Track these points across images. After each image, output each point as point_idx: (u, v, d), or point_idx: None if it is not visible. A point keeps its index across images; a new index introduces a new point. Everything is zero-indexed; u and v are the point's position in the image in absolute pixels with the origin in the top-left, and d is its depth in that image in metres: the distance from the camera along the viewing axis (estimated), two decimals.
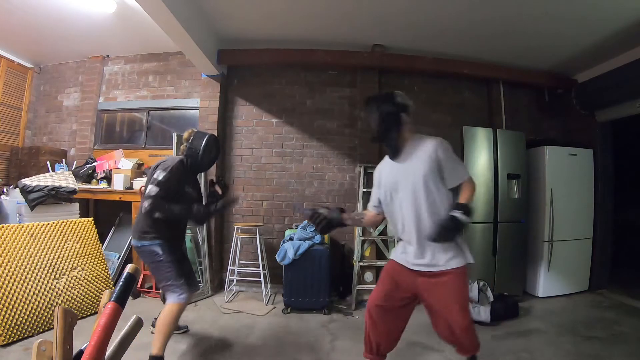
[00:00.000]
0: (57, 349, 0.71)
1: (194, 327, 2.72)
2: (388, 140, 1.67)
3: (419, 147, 1.62)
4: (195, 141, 2.14)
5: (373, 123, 1.68)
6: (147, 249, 2.07)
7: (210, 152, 2.20)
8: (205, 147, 2.14)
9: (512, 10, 2.97)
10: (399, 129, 1.64)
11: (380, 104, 1.66)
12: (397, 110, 1.64)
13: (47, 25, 3.51)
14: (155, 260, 2.06)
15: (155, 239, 2.06)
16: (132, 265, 0.85)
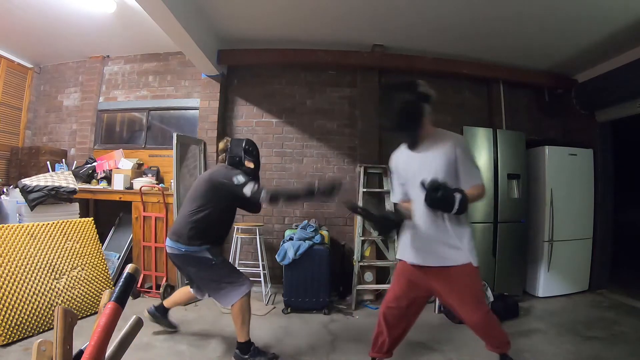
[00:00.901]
0: (57, 349, 0.71)
1: (194, 327, 2.73)
2: (408, 130, 1.60)
3: (439, 141, 1.59)
4: (235, 148, 2.23)
5: (392, 111, 1.59)
6: (194, 255, 2.09)
7: (252, 153, 2.27)
8: (247, 149, 2.23)
9: (512, 10, 2.97)
10: (420, 120, 1.57)
11: (401, 92, 1.58)
12: (419, 100, 1.56)
13: (47, 25, 3.51)
14: (208, 265, 2.10)
15: (203, 244, 2.10)
16: (132, 265, 0.85)
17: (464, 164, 1.55)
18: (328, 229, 3.59)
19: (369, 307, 3.32)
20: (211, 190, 2.12)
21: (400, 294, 1.67)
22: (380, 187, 3.69)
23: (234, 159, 2.21)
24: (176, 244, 2.11)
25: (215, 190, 2.11)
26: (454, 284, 1.57)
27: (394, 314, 1.68)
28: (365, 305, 3.35)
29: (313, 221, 3.57)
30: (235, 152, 2.22)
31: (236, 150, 2.22)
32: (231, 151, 2.23)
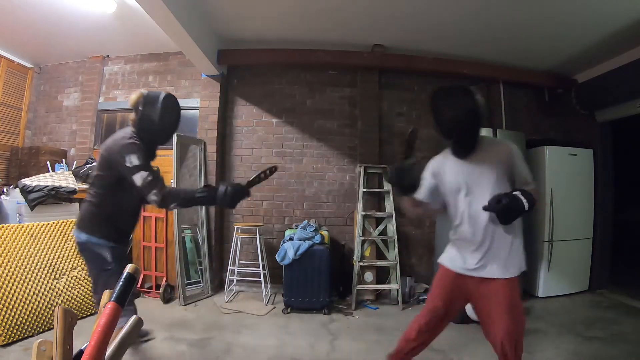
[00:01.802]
0: (57, 349, 0.71)
1: (194, 327, 2.72)
2: (467, 138, 1.55)
3: (491, 149, 1.57)
4: (148, 107, 1.65)
5: (451, 117, 1.51)
6: (93, 249, 1.68)
7: (170, 116, 1.72)
8: (163, 110, 1.66)
9: (512, 11, 2.97)
10: (480, 128, 1.56)
11: (463, 98, 1.52)
12: (479, 108, 1.52)
13: (47, 25, 3.51)
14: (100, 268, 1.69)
15: (106, 239, 1.69)
16: (132, 265, 0.85)
17: (520, 170, 1.55)
18: (328, 229, 3.59)
19: (369, 307, 3.32)
20: (106, 165, 1.66)
21: (442, 303, 1.61)
22: (380, 187, 3.69)
23: (146, 119, 1.65)
24: (76, 229, 1.73)
25: (109, 167, 1.65)
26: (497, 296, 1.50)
27: (431, 324, 1.62)
28: (365, 305, 3.35)
29: (313, 221, 3.57)
30: (149, 112, 1.65)
31: (149, 108, 1.65)
32: (143, 109, 1.66)
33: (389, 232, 3.54)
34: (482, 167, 1.55)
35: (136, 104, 1.68)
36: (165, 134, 1.76)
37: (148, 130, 1.67)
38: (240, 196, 1.57)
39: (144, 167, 1.56)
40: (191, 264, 3.56)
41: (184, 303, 3.19)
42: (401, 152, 1.52)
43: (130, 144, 1.59)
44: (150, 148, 1.73)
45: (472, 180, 1.56)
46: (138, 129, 1.67)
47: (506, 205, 1.34)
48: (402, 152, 1.51)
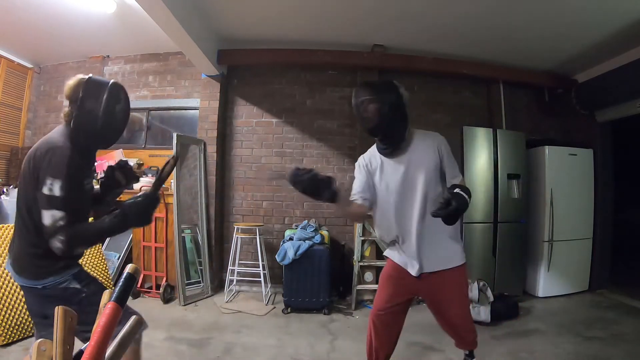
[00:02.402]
0: (57, 349, 0.70)
1: (194, 327, 2.73)
2: (393, 135, 1.49)
3: (420, 142, 1.52)
4: (89, 101, 1.26)
5: (373, 113, 1.44)
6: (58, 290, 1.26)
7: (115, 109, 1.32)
8: (107, 104, 1.27)
9: (512, 10, 2.97)
10: (406, 124, 1.49)
11: (384, 93, 1.46)
12: (403, 103, 1.47)
13: (47, 25, 3.51)
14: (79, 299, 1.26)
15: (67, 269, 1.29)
16: (132, 265, 0.85)
17: (448, 159, 1.51)
18: (328, 229, 3.59)
19: (369, 307, 3.31)
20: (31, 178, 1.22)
21: (391, 298, 1.59)
22: None
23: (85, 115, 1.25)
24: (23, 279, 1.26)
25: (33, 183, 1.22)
26: (449, 284, 1.53)
27: (384, 320, 1.60)
28: (365, 305, 3.35)
29: (313, 221, 3.57)
30: (89, 105, 1.25)
31: (91, 102, 1.26)
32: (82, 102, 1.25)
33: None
34: (412, 162, 1.50)
35: (74, 92, 1.27)
36: (111, 135, 1.36)
37: (88, 131, 1.27)
38: (151, 206, 1.23)
39: (63, 204, 1.16)
40: (191, 264, 3.56)
41: (184, 303, 3.19)
42: None
43: (61, 162, 1.19)
44: (88, 153, 1.38)
45: (401, 180, 1.51)
46: (75, 128, 1.26)
47: (456, 208, 1.28)
48: None
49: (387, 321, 1.60)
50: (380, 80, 1.59)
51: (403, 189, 1.52)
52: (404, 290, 1.60)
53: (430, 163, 1.49)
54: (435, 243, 1.51)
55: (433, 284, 1.54)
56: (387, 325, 1.61)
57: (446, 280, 1.53)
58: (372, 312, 1.64)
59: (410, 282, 1.56)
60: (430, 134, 1.58)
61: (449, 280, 1.53)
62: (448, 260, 1.52)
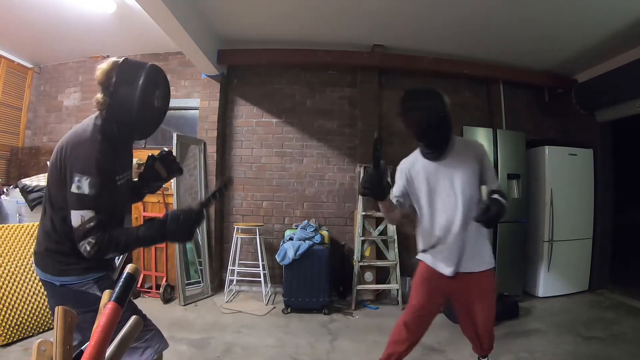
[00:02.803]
0: (57, 349, 0.70)
1: (194, 327, 2.73)
2: (439, 140, 1.56)
3: (462, 149, 1.60)
4: (123, 87, 1.13)
5: (420, 119, 1.51)
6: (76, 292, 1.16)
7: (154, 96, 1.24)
8: (144, 91, 1.15)
9: (512, 11, 2.97)
10: (451, 130, 1.56)
11: (432, 101, 1.53)
12: (448, 110, 1.54)
13: (47, 25, 3.51)
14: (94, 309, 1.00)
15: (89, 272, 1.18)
16: (132, 265, 0.85)
17: (488, 171, 1.58)
18: (328, 229, 3.59)
19: (369, 307, 3.32)
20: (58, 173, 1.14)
21: (427, 299, 1.64)
22: None
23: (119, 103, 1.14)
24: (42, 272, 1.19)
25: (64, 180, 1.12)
26: (482, 287, 1.59)
27: (416, 321, 1.65)
28: (365, 305, 3.35)
29: (313, 221, 3.57)
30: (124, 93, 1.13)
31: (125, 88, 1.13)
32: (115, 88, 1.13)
33: (388, 232, 3.54)
34: (453, 169, 1.57)
35: (107, 77, 1.14)
36: (149, 125, 1.25)
37: (122, 121, 1.16)
38: (195, 223, 1.14)
39: (94, 203, 1.07)
40: (191, 264, 3.56)
41: (184, 303, 3.19)
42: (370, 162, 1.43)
43: (91, 157, 1.09)
44: (124, 145, 1.28)
45: (444, 183, 1.58)
46: (109, 119, 1.16)
47: (496, 213, 1.34)
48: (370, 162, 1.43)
49: (421, 322, 1.65)
50: (425, 87, 1.63)
51: (448, 191, 1.58)
52: (439, 292, 1.65)
53: (472, 169, 1.56)
54: (474, 245, 1.57)
55: (467, 285, 1.59)
56: (419, 326, 1.66)
57: (479, 283, 1.58)
58: (406, 313, 1.68)
59: (445, 283, 1.61)
60: (472, 142, 1.69)
61: (482, 283, 1.59)
62: (483, 262, 1.58)
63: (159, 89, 1.25)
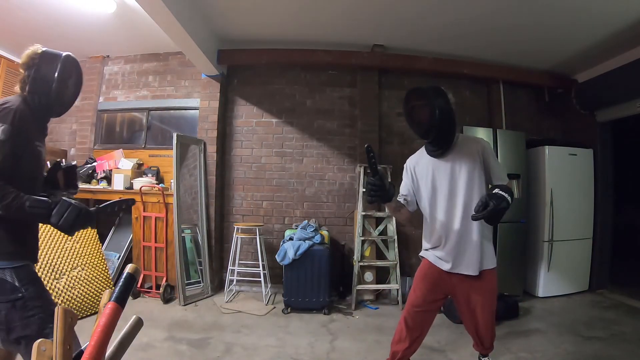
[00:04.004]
0: (57, 349, 0.71)
1: (194, 327, 2.73)
2: (443, 137, 1.57)
3: (464, 146, 1.60)
4: (45, 66, 1.35)
5: (426, 117, 1.53)
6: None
7: (69, 80, 1.42)
8: (61, 72, 1.36)
9: (512, 11, 2.97)
10: (454, 127, 1.58)
11: (437, 98, 1.54)
12: (451, 107, 1.57)
13: (47, 25, 3.51)
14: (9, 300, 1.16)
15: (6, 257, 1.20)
16: (132, 265, 0.85)
17: (492, 165, 1.56)
18: (328, 229, 3.60)
19: (369, 307, 3.32)
20: None
21: (427, 295, 1.64)
22: None
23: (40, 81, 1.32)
24: None
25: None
26: (482, 287, 1.58)
27: (416, 318, 1.64)
28: (365, 305, 3.35)
29: (313, 221, 3.57)
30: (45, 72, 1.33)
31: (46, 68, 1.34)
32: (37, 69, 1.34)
33: (389, 232, 3.54)
34: (456, 166, 1.57)
35: (31, 60, 1.34)
36: (63, 102, 1.42)
37: (43, 94, 1.31)
38: (84, 222, 1.19)
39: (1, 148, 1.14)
40: (191, 264, 3.56)
41: (184, 303, 3.19)
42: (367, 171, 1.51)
43: (7, 110, 1.19)
44: (42, 119, 1.40)
45: (446, 181, 1.58)
46: (31, 91, 1.31)
47: (495, 208, 1.31)
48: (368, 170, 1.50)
49: (420, 319, 1.65)
50: (429, 85, 1.64)
51: (449, 189, 1.58)
52: (439, 289, 1.65)
53: (473, 166, 1.55)
54: (475, 244, 1.55)
55: (467, 283, 1.58)
56: (418, 323, 1.65)
57: (480, 281, 1.57)
58: (405, 310, 1.68)
59: (445, 280, 1.61)
60: (474, 138, 1.67)
61: (483, 282, 1.58)
62: (484, 262, 1.56)
63: (72, 78, 1.43)
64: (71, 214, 1.16)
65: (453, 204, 1.57)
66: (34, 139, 1.33)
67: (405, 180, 1.74)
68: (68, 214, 1.15)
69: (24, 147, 1.25)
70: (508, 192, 1.36)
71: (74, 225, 1.17)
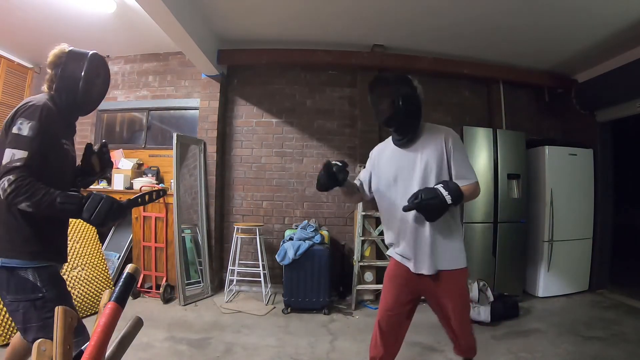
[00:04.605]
0: (57, 349, 0.71)
1: (194, 327, 2.73)
2: (406, 126, 1.50)
3: (429, 136, 1.51)
4: (71, 64, 1.37)
5: (387, 104, 1.48)
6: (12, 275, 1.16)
7: (97, 78, 1.42)
8: (88, 70, 1.37)
9: (512, 11, 2.97)
10: (419, 115, 1.51)
11: (400, 85, 1.49)
12: (417, 95, 1.51)
13: (47, 25, 3.51)
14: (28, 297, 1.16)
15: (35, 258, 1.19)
16: (132, 265, 0.85)
17: (455, 159, 1.47)
18: (328, 229, 3.60)
19: (369, 307, 3.32)
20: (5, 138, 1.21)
21: (396, 298, 1.55)
22: None
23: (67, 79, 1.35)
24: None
25: None
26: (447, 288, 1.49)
27: (389, 322, 1.55)
28: (365, 305, 3.35)
29: (313, 221, 3.57)
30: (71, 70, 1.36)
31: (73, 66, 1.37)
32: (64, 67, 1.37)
33: None
34: (417, 154, 1.49)
35: (58, 58, 1.37)
36: (90, 100, 1.42)
37: (70, 92, 1.34)
38: (116, 215, 1.17)
39: (29, 145, 1.13)
40: (191, 264, 3.56)
41: (184, 303, 3.19)
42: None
43: (34, 108, 1.21)
44: (69, 117, 1.43)
45: (406, 171, 1.50)
46: (58, 90, 1.34)
47: (424, 202, 1.27)
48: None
49: (393, 323, 1.56)
50: (395, 73, 1.61)
51: (407, 179, 1.50)
52: (407, 289, 1.55)
53: (434, 156, 1.46)
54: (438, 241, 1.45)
55: (434, 283, 1.49)
56: (392, 327, 1.56)
57: (448, 282, 1.48)
58: (378, 314, 1.59)
59: (413, 281, 1.52)
60: (441, 128, 1.55)
61: (450, 283, 1.48)
62: (450, 260, 1.47)
63: (99, 76, 1.43)
64: (103, 208, 1.13)
65: (407, 195, 1.41)
66: (60, 136, 1.32)
67: (367, 166, 1.72)
68: (100, 209, 1.13)
69: (52, 144, 1.24)
70: (450, 192, 1.30)
71: (106, 220, 1.15)
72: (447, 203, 1.30)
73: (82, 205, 1.13)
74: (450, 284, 1.48)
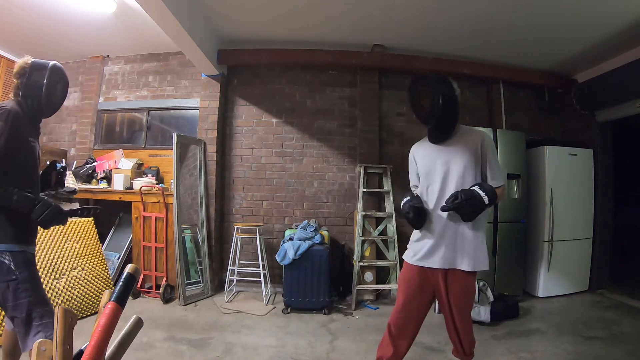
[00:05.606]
0: (57, 349, 0.71)
1: (194, 327, 2.73)
2: (443, 124, 1.57)
3: (465, 136, 1.59)
4: (34, 74, 1.54)
5: (427, 102, 1.55)
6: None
7: (57, 85, 1.61)
8: (50, 78, 1.56)
9: (512, 11, 2.97)
10: (456, 115, 1.57)
11: (440, 85, 1.55)
12: (455, 95, 1.56)
13: (47, 25, 3.51)
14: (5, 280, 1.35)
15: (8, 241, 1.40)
16: (132, 265, 0.85)
17: (490, 161, 1.55)
18: (328, 229, 3.59)
19: (369, 307, 3.32)
20: None
21: (408, 299, 1.60)
22: (380, 187, 3.69)
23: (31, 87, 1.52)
24: None
25: None
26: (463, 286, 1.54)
27: (400, 324, 1.60)
28: (365, 305, 3.35)
29: (313, 221, 3.57)
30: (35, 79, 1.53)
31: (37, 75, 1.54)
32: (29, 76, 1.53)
33: (389, 232, 3.54)
34: (453, 151, 1.57)
35: (23, 69, 1.53)
36: (52, 104, 1.61)
37: (34, 98, 1.52)
38: (59, 220, 1.43)
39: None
40: (191, 264, 3.56)
41: (184, 303, 3.19)
42: None
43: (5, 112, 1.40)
44: (34, 119, 1.60)
45: (442, 168, 1.57)
46: (24, 96, 1.52)
47: (463, 202, 1.33)
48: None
49: (401, 325, 1.60)
50: (436, 73, 1.67)
51: (443, 177, 1.57)
52: (420, 294, 1.60)
53: (470, 157, 1.53)
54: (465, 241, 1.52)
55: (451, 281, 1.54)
56: (400, 330, 1.60)
57: (463, 282, 1.53)
58: (391, 315, 1.64)
59: (427, 285, 1.58)
60: (477, 130, 1.64)
61: (465, 284, 1.53)
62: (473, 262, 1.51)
63: (60, 79, 1.63)
64: (49, 214, 1.38)
65: (444, 193, 1.53)
66: (27, 135, 1.52)
67: (410, 169, 1.77)
68: (47, 213, 1.38)
69: (18, 143, 1.44)
70: (487, 193, 1.37)
71: (50, 223, 1.41)
72: (485, 204, 1.38)
73: (33, 207, 1.36)
74: (469, 283, 1.55)
